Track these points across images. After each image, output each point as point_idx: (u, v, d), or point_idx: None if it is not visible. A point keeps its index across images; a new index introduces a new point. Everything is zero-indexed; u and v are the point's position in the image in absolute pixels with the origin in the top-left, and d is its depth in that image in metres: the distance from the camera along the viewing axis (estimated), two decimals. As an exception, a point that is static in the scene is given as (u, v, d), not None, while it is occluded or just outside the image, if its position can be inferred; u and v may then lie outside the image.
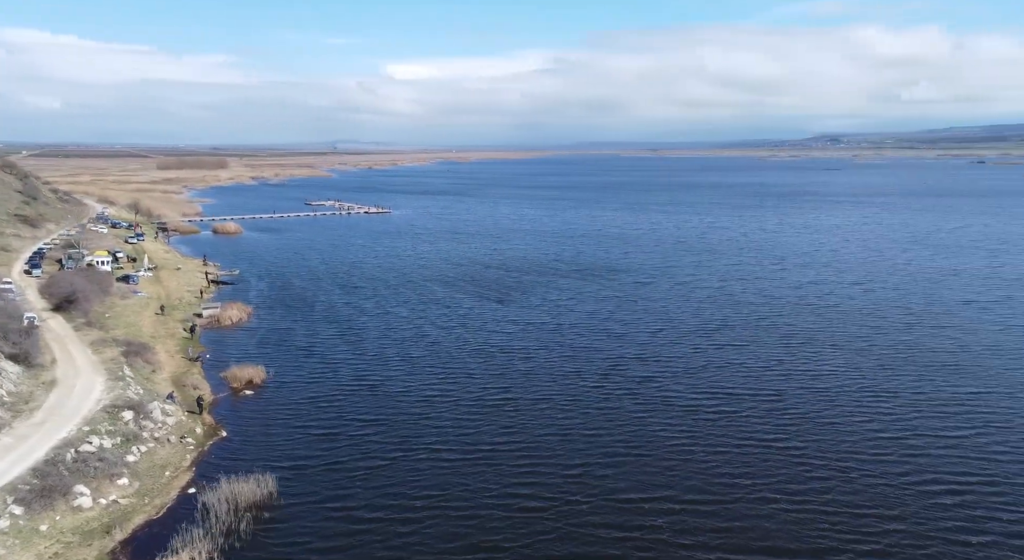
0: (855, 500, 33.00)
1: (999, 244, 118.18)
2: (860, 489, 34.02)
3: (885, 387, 48.29)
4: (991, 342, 59.12)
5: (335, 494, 35.50)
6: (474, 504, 33.90)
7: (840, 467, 36.30)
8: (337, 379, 52.99)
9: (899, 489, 33.96)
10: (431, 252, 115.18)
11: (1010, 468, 36.13)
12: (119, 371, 50.19)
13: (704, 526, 31.18)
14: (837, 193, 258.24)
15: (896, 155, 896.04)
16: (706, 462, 37.43)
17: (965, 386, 48.45)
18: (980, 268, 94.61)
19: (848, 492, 33.77)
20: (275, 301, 79.46)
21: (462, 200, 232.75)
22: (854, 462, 36.90)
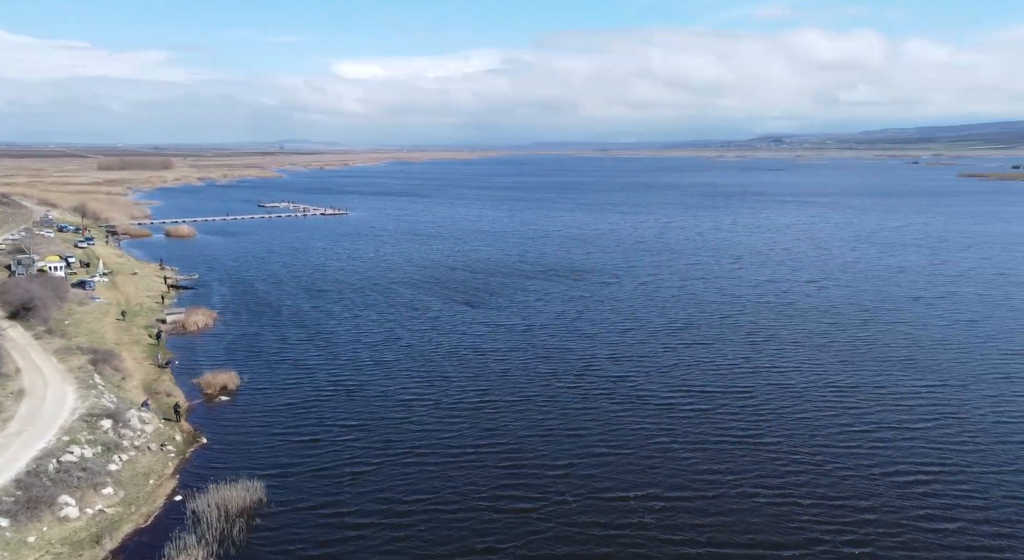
0: (830, 492, 34.61)
1: (939, 242, 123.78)
2: (834, 481, 35.67)
3: (847, 382, 50.58)
4: (940, 337, 62.26)
5: (324, 499, 35.62)
6: (465, 506, 34.45)
7: (814, 461, 38.01)
8: (313, 384, 52.88)
9: (870, 480, 35.74)
10: (394, 254, 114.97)
11: (969, 458, 38.32)
12: (89, 379, 49.23)
13: (691, 521, 32.35)
14: (784, 193, 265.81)
15: (836, 155, 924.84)
16: (686, 458, 38.77)
17: (921, 379, 51.02)
18: (924, 265, 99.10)
19: (823, 484, 35.39)
20: (239, 305, 78.51)
21: (418, 201, 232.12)
22: (826, 455, 38.66)
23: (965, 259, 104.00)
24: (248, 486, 36.14)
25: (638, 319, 69.94)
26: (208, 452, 42.43)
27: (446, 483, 36.75)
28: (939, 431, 41.80)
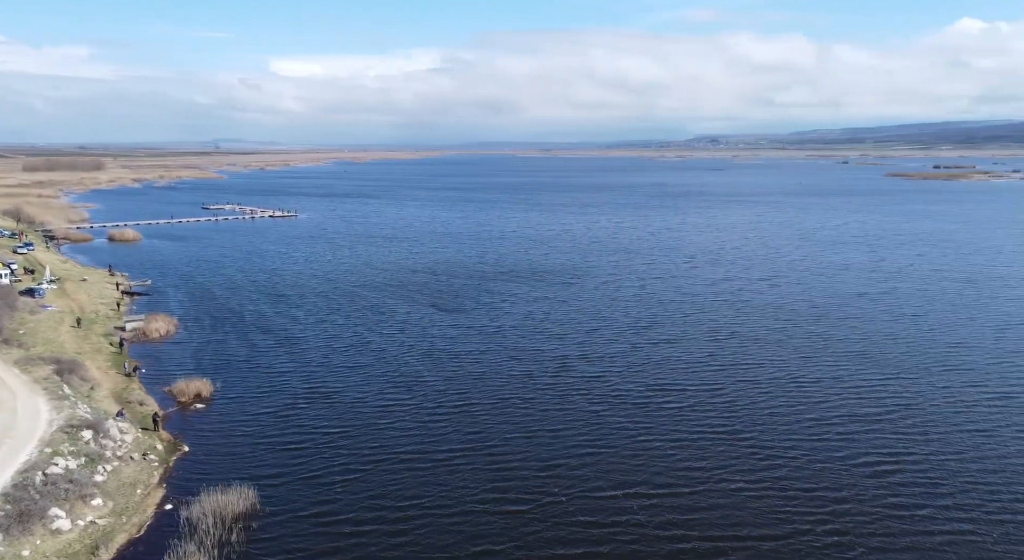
0: (807, 483, 36.52)
1: (876, 240, 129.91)
2: (811, 473, 37.63)
3: (810, 376, 53.17)
4: (888, 331, 65.80)
5: (319, 507, 35.76)
6: (459, 509, 35.07)
7: (789, 454, 39.99)
8: (288, 390, 52.68)
9: (843, 470, 37.82)
10: (351, 257, 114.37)
11: (930, 446, 40.82)
12: (58, 390, 48.15)
13: (681, 515, 33.72)
14: (727, 193, 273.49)
15: (771, 155, 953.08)
16: (669, 454, 40.32)
17: (876, 372, 53.94)
18: (865, 262, 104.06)
19: (800, 476, 37.30)
20: (200, 312, 77.25)
21: (368, 202, 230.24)
22: (799, 447, 40.73)
23: (901, 256, 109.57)
24: (240, 493, 36.13)
25: (603, 319, 71.76)
26: (191, 461, 42.10)
27: (438, 486, 37.36)
28: (900, 421, 44.50)
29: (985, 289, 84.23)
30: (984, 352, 58.83)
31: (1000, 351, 59.02)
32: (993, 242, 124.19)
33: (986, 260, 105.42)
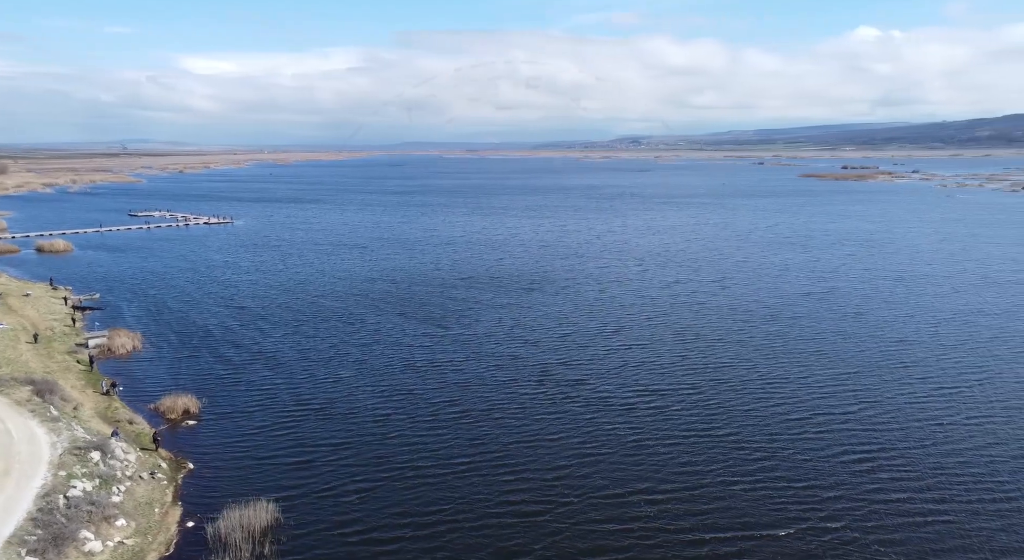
0: (794, 475, 39.74)
1: (807, 240, 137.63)
2: (795, 465, 40.89)
3: (775, 374, 56.97)
4: (837, 329, 70.65)
5: (340, 519, 36.66)
6: (478, 514, 36.58)
7: (771, 448, 43.21)
8: (278, 404, 52.98)
9: (823, 461, 41.26)
10: (303, 265, 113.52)
11: (894, 435, 44.70)
12: (46, 412, 47.31)
13: (687, 510, 36.27)
14: (660, 194, 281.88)
15: (690, 156, 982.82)
16: (663, 454, 42.95)
17: (834, 369, 58.08)
18: (802, 262, 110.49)
19: (787, 468, 40.50)
20: (161, 326, 75.91)
21: (305, 207, 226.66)
22: (779, 442, 43.99)
23: (834, 256, 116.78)
24: (262, 508, 36.87)
25: (572, 324, 74.48)
26: (199, 478, 42.39)
27: (452, 494, 38.76)
28: (864, 414, 48.56)
29: (914, 287, 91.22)
30: (925, 347, 64.22)
31: (940, 346, 64.49)
32: (910, 241, 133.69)
33: (908, 259, 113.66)
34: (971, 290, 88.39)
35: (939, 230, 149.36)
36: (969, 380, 55.17)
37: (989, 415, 48.30)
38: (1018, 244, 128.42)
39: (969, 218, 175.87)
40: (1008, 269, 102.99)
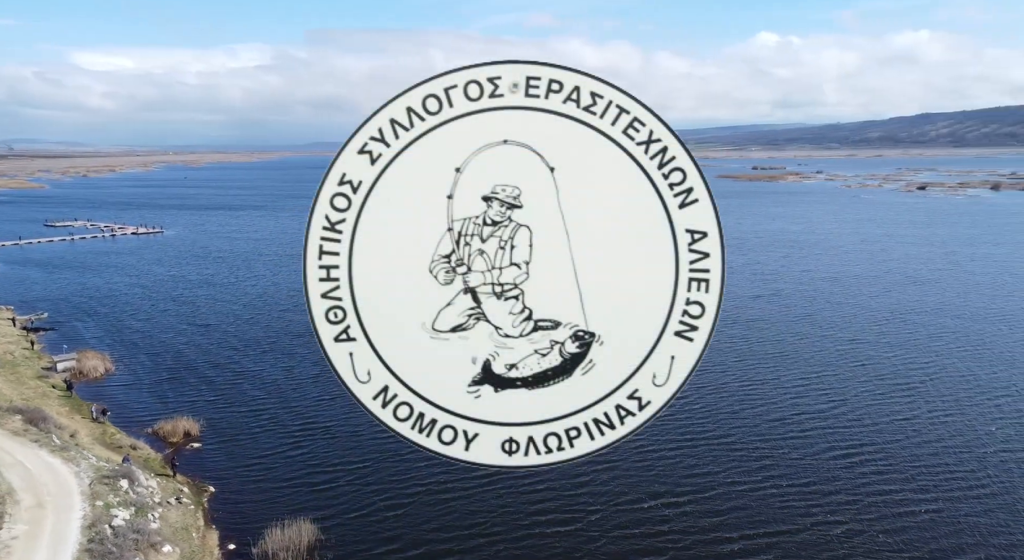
0: (797, 476, 43.31)
1: (741, 241, 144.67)
2: (795, 467, 44.45)
3: (749, 377, 60.80)
4: (793, 331, 75.17)
5: (382, 536, 38.11)
6: (518, 525, 38.67)
7: (766, 451, 46.88)
8: (280, 425, 53.44)
9: (820, 462, 45.17)
10: (257, 278, 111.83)
11: (866, 431, 49.45)
12: (50, 441, 46.70)
13: (706, 514, 39.35)
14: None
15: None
16: (670, 459, 45.79)
17: (800, 371, 62.52)
18: (744, 264, 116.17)
19: (789, 471, 44.04)
20: (127, 346, 74.37)
21: (237, 214, 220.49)
22: (773, 445, 47.76)
23: (771, 258, 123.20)
24: (302, 528, 38.09)
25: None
26: (224, 501, 43.12)
27: (489, 507, 40.54)
28: (834, 412, 52.77)
29: (849, 288, 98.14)
30: (874, 346, 69.68)
31: (887, 345, 69.96)
32: (835, 243, 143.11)
33: (838, 260, 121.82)
34: (900, 289, 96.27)
35: (857, 231, 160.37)
36: (920, 376, 60.83)
37: (944, 408, 53.73)
38: (929, 243, 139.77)
39: (879, 218, 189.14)
40: (927, 268, 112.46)
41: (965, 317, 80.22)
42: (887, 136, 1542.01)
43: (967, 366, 63.09)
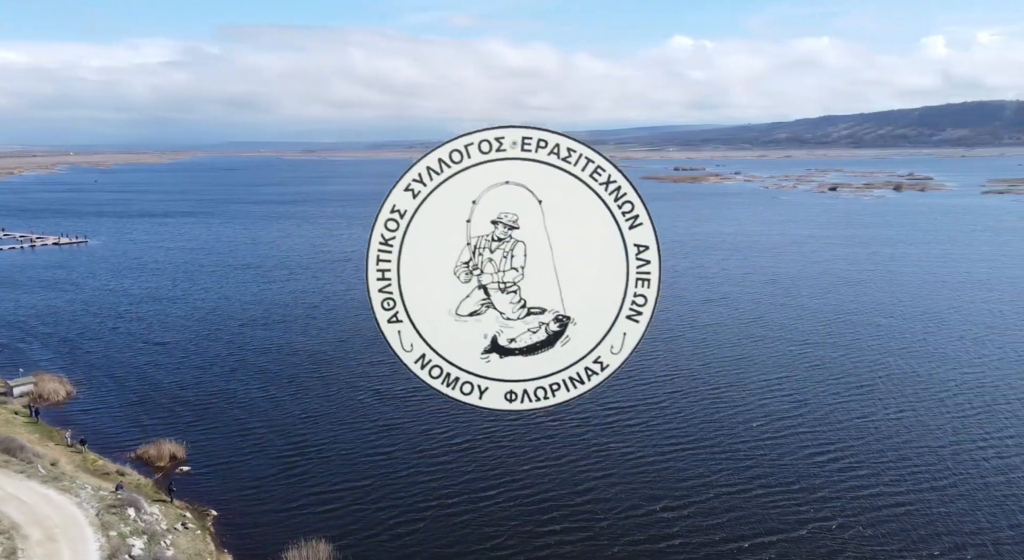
0: (783, 477, 45.92)
1: (681, 245, 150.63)
2: (777, 470, 47.15)
3: (718, 381, 64.16)
4: (747, 334, 79.46)
5: (399, 554, 39.25)
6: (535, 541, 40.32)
7: (751, 454, 49.78)
8: (270, 445, 53.00)
9: (800, 462, 48.34)
10: (202, 291, 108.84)
11: (831, 432, 53.18)
12: (35, 471, 45.37)
13: (704, 520, 41.54)
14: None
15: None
16: (662, 467, 48.07)
17: (760, 373, 66.13)
18: (690, 268, 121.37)
19: (776, 473, 46.72)
20: (84, 367, 71.77)
21: (162, 222, 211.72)
22: (756, 447, 50.63)
23: (713, 262, 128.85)
24: (319, 549, 38.74)
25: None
26: (229, 525, 43.04)
27: (498, 522, 41.73)
28: (798, 413, 56.35)
29: (792, 289, 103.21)
30: (825, 347, 74.07)
31: (836, 345, 74.60)
32: (767, 244, 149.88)
33: (773, 262, 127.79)
34: (837, 290, 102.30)
35: (784, 232, 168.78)
36: (870, 375, 65.37)
37: (896, 405, 58.11)
38: (852, 244, 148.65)
39: (802, 219, 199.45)
40: (855, 269, 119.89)
41: (899, 316, 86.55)
42: (793, 137, 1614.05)
43: (909, 364, 68.42)
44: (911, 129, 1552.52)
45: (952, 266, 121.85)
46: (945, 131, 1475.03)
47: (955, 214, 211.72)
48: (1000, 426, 53.96)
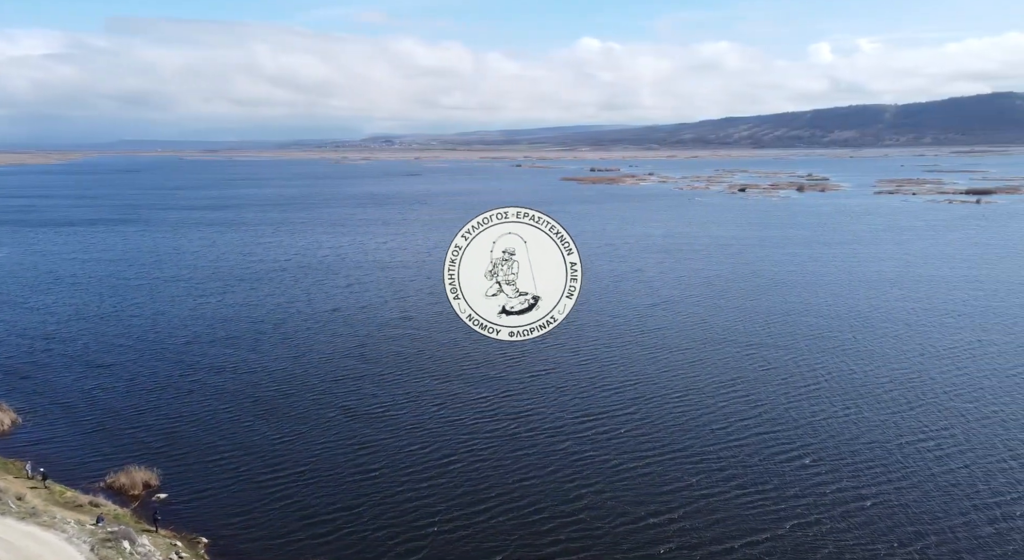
0: (758, 480, 48.50)
1: (613, 248, 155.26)
2: (744, 470, 49.80)
3: (673, 385, 67.45)
4: (697, 336, 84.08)
5: None
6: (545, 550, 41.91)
7: (722, 456, 52.34)
8: (246, 468, 51.84)
9: (770, 462, 51.28)
10: (134, 307, 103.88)
11: (792, 432, 56.74)
12: (9, 508, 43.42)
13: (696, 518, 44.15)
14: (495, 202, 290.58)
15: (448, 157, 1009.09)
16: (644, 474, 50.21)
17: (711, 375, 69.77)
18: (628, 271, 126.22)
19: (749, 473, 49.54)
20: (25, 394, 67.67)
21: (72, 231, 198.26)
22: (725, 449, 53.31)
23: (648, 264, 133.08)
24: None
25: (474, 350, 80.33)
26: (222, 552, 42.44)
27: (504, 537, 42.77)
28: (766, 416, 59.74)
29: (725, 290, 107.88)
30: (769, 348, 78.25)
31: (778, 347, 79.01)
32: (696, 247, 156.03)
33: (704, 263, 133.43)
34: (768, 291, 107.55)
35: (708, 233, 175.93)
36: (816, 375, 69.65)
37: (844, 404, 62.33)
38: (772, 245, 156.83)
39: (720, 220, 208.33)
40: (781, 270, 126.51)
41: (827, 316, 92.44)
42: (698, 138, 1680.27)
43: (845, 362, 73.35)
44: (804, 131, 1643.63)
45: (864, 266, 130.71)
46: (834, 133, 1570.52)
47: (855, 214, 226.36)
48: (934, 418, 59.20)
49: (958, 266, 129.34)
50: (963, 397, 63.85)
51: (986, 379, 68.48)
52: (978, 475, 49.16)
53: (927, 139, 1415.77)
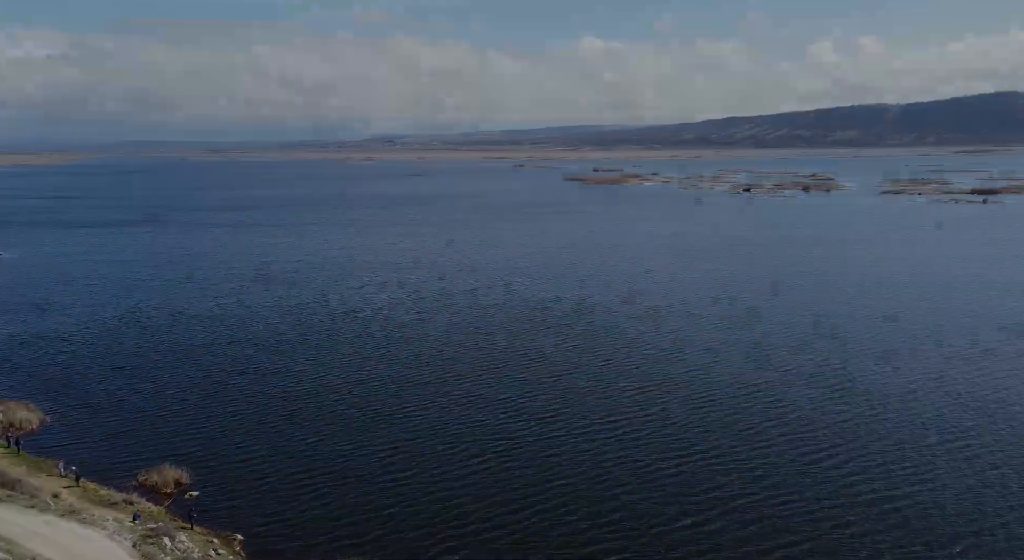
0: (789, 481, 48.43)
1: (601, 248, 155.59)
2: (781, 473, 49.74)
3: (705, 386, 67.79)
4: (706, 340, 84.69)
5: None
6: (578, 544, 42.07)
7: (728, 456, 52.24)
8: (276, 467, 51.92)
9: (776, 459, 51.55)
10: (156, 311, 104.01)
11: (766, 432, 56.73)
12: (46, 506, 43.73)
13: (731, 524, 44.13)
14: (509, 203, 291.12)
15: (450, 157, 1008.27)
16: (674, 474, 50.27)
17: (738, 377, 70.52)
18: (622, 274, 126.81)
19: (777, 475, 49.46)
20: (48, 393, 68.04)
21: (84, 232, 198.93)
22: (732, 449, 53.42)
23: (637, 268, 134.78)
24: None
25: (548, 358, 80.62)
26: (259, 548, 42.41)
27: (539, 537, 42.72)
28: (796, 416, 59.79)
29: (746, 289, 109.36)
30: (806, 352, 78.45)
31: (807, 350, 79.32)
32: (706, 248, 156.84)
33: (709, 265, 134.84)
34: (789, 292, 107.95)
35: (717, 234, 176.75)
36: (842, 378, 69.62)
37: (883, 405, 62.20)
38: (786, 246, 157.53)
39: (728, 221, 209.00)
40: (798, 271, 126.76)
41: (847, 317, 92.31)
42: (701, 138, 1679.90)
43: (869, 365, 72.86)
44: (807, 131, 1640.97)
45: (877, 267, 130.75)
46: (837, 132, 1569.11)
47: (863, 214, 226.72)
48: (960, 418, 58.92)
49: (971, 266, 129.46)
50: (988, 397, 63.91)
51: (1008, 379, 68.58)
52: (1010, 475, 49.22)
53: (930, 139, 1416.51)
